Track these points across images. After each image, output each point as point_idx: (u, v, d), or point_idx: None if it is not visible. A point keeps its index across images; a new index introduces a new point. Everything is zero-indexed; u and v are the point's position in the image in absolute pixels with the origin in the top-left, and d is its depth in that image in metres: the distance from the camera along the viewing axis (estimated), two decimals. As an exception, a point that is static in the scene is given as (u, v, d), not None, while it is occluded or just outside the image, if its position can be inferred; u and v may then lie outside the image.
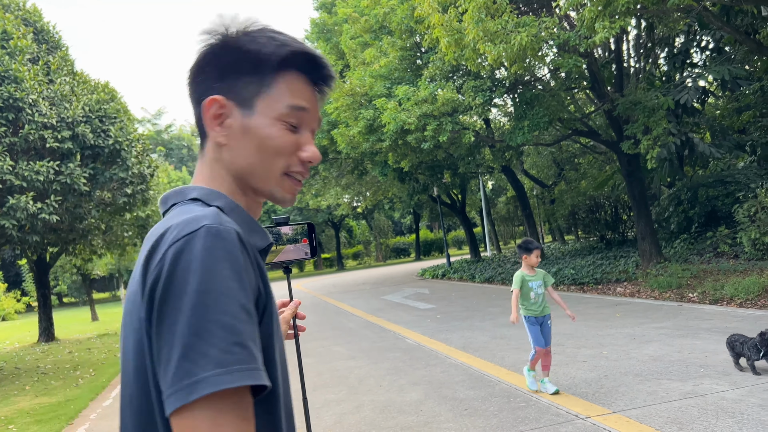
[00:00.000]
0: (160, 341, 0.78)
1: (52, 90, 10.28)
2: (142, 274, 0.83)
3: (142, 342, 0.82)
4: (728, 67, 11.93)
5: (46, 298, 16.18)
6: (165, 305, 0.78)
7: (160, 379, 0.78)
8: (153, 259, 0.81)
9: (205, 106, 0.95)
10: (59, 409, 7.58)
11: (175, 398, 0.74)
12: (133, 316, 0.85)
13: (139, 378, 0.83)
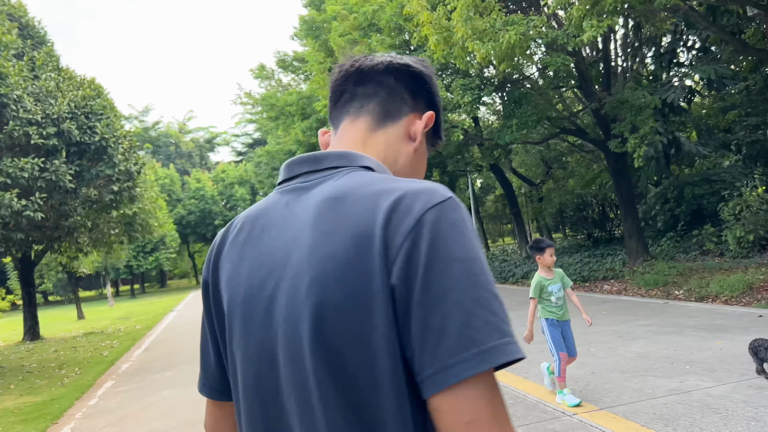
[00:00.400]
0: (426, 309, 0.73)
1: (38, 86, 10.17)
2: (371, 238, 0.76)
3: (374, 310, 0.75)
4: (714, 67, 12.05)
5: (31, 296, 16.02)
6: (431, 273, 0.73)
7: (419, 350, 0.73)
8: (399, 225, 0.76)
9: (428, 117, 1.00)
10: (44, 408, 7.51)
11: (460, 368, 0.70)
12: (344, 287, 0.76)
13: (365, 345, 0.75)
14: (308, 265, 0.79)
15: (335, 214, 0.81)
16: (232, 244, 0.92)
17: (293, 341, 0.80)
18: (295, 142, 20.46)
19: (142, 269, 39.09)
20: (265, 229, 0.89)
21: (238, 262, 0.89)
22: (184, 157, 57.32)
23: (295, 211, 0.87)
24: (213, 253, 0.94)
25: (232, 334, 0.88)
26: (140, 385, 8.35)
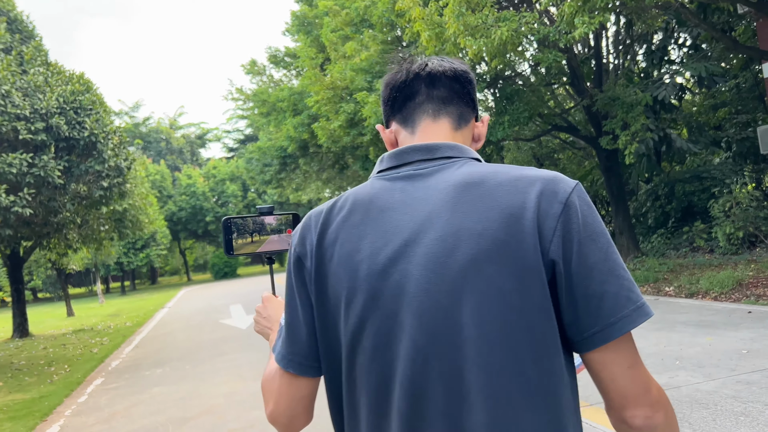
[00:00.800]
0: (585, 278, 0.87)
1: (26, 81, 10.07)
2: (523, 220, 0.87)
3: (533, 281, 0.86)
4: (705, 64, 12.09)
5: (19, 293, 15.89)
6: (584, 247, 0.87)
7: (583, 313, 0.87)
8: (547, 209, 0.88)
9: (484, 120, 1.14)
10: (33, 406, 7.45)
11: (622, 324, 0.86)
12: (501, 261, 0.86)
13: (528, 311, 0.86)
14: (454, 242, 0.88)
15: (476, 197, 0.91)
16: (343, 224, 0.97)
17: (440, 310, 0.88)
18: (287, 138, 20.38)
19: (132, 266, 38.87)
20: (384, 210, 0.96)
21: (357, 241, 0.95)
22: (175, 153, 57.03)
23: (416, 195, 0.95)
24: (315, 233, 0.99)
25: (350, 307, 0.93)
26: (130, 382, 8.30)
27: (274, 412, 1.04)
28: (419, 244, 0.90)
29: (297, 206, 42.51)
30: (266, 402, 1.06)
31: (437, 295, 0.88)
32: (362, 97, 13.22)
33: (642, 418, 0.89)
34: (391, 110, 1.11)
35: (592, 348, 0.88)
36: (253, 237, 2.00)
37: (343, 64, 15.47)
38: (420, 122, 1.07)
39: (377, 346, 0.92)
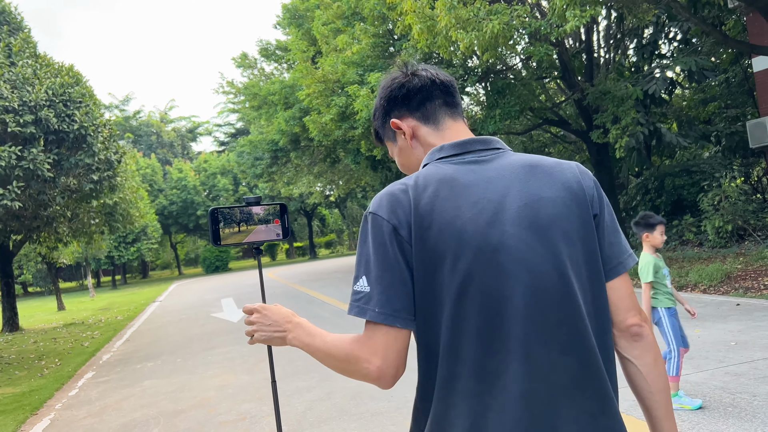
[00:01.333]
0: (611, 227, 1.27)
1: (14, 73, 9.97)
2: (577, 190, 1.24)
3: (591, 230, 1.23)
4: (695, 59, 12.16)
5: (9, 287, 15.79)
6: (607, 208, 1.28)
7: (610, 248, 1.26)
8: (586, 182, 1.27)
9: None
10: (23, 399, 7.43)
11: (629, 261, 1.27)
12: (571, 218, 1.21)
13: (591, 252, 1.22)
14: (537, 206, 1.19)
15: (542, 174, 1.24)
16: (435, 198, 1.18)
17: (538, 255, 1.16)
18: (278, 132, 20.31)
19: (123, 260, 38.69)
20: (468, 186, 1.19)
21: (455, 210, 1.16)
22: (166, 147, 56.71)
23: (488, 174, 1.22)
24: (410, 206, 1.17)
25: (457, 262, 1.14)
26: (121, 375, 8.29)
27: (382, 366, 1.15)
28: (507, 210, 1.17)
29: (288, 200, 42.42)
30: (368, 362, 1.16)
31: (534, 245, 1.16)
32: (354, 90, 13.20)
33: (637, 326, 1.26)
34: (407, 108, 1.36)
35: (615, 276, 1.25)
36: (240, 227, 2.01)
37: (335, 57, 15.42)
38: (443, 121, 1.34)
39: (487, 291, 1.13)
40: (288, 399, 5.66)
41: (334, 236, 56.93)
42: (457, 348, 1.14)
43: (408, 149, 1.39)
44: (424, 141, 1.35)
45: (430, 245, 1.15)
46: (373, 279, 1.17)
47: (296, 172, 26.85)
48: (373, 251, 1.18)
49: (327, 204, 49.63)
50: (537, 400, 1.12)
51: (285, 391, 5.96)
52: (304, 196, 38.76)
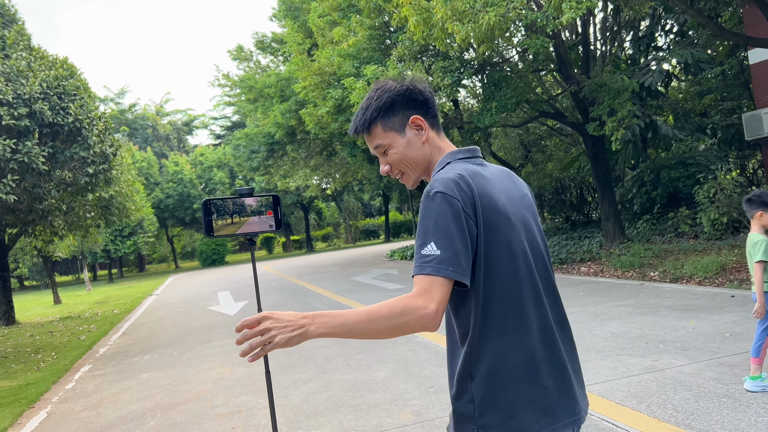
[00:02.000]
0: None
1: (8, 65, 9.91)
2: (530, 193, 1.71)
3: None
4: (691, 51, 12.15)
5: (5, 280, 15.75)
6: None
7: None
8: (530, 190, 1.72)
9: None
10: (20, 393, 7.43)
11: None
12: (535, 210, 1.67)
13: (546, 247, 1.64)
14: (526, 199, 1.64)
15: (515, 179, 1.67)
16: (482, 185, 1.50)
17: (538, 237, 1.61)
18: (274, 125, 20.26)
19: (119, 253, 38.60)
20: (489, 180, 1.55)
21: (493, 196, 1.51)
22: (162, 140, 56.49)
23: (492, 174, 1.60)
24: (473, 191, 1.47)
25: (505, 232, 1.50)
26: (118, 368, 8.29)
27: (438, 310, 1.37)
28: (513, 198, 1.58)
29: (285, 193, 42.37)
30: (425, 307, 1.37)
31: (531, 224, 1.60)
32: (350, 83, 13.16)
33: None
34: (423, 112, 1.64)
35: None
36: (233, 218, 2.01)
37: (331, 49, 15.37)
38: (441, 131, 1.70)
39: (522, 255, 1.52)
40: (284, 391, 5.67)
41: (331, 229, 56.88)
42: (510, 296, 1.48)
43: (418, 145, 1.63)
44: (433, 143, 1.65)
45: (487, 219, 1.47)
46: (444, 245, 1.40)
47: (293, 165, 26.81)
48: (444, 222, 1.42)
49: (324, 197, 49.58)
50: (548, 331, 1.53)
51: (281, 383, 5.97)
52: (300, 189, 38.72)
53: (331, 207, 56.84)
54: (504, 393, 1.47)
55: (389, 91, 1.62)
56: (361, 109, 1.65)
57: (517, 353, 1.48)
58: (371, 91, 1.66)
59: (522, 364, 1.48)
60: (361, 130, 1.65)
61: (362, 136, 1.68)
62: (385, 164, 1.68)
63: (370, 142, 1.66)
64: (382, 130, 1.62)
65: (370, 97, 1.64)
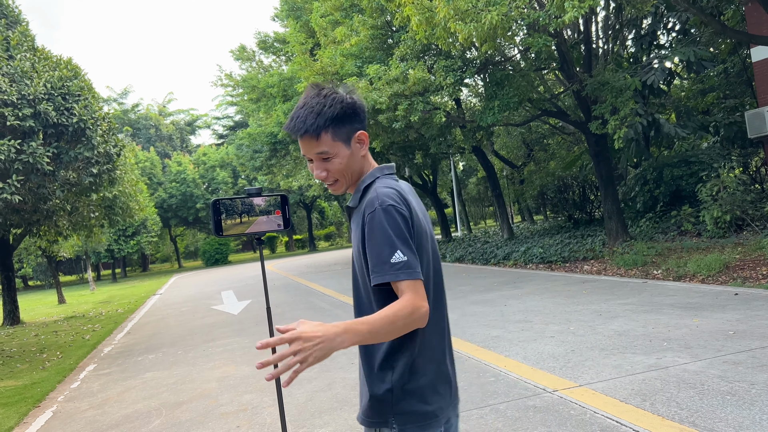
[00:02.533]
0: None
1: (12, 66, 9.94)
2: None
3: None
4: (694, 49, 12.14)
5: (10, 280, 15.82)
6: None
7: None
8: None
9: None
10: (25, 392, 7.47)
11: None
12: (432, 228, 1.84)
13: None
14: (428, 215, 1.80)
15: (416, 195, 1.80)
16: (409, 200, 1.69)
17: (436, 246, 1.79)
18: (277, 124, 20.30)
19: (123, 253, 38.70)
20: (410, 194, 1.75)
21: (417, 208, 1.73)
22: (165, 140, 56.57)
23: (410, 190, 1.79)
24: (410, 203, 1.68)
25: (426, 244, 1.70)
26: (123, 367, 8.33)
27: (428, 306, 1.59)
28: (423, 212, 1.77)
29: (288, 192, 42.38)
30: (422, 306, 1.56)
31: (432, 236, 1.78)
32: (352, 82, 13.18)
33: None
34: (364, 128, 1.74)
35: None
36: (242, 218, 2.04)
37: (333, 49, 15.39)
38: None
39: (436, 256, 1.77)
40: (289, 390, 5.69)
41: (334, 228, 56.93)
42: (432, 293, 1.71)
43: (358, 158, 1.72)
44: (367, 158, 1.76)
45: (415, 229, 1.64)
46: (407, 251, 1.56)
47: (295, 164, 26.82)
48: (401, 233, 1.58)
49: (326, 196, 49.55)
50: (446, 323, 1.78)
51: (286, 382, 5.99)
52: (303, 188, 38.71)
53: (333, 206, 56.85)
54: (419, 379, 1.65)
55: (341, 102, 1.63)
56: (312, 113, 1.61)
57: (436, 343, 1.71)
58: (318, 96, 1.65)
59: (438, 352, 1.71)
60: (310, 133, 1.62)
61: (303, 138, 1.64)
62: (323, 170, 1.68)
63: (313, 146, 1.64)
64: (331, 139, 1.63)
65: (321, 102, 1.62)
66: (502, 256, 15.28)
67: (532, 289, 10.13)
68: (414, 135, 17.03)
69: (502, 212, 20.99)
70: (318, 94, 1.66)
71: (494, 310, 8.45)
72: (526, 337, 6.50)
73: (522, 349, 6.02)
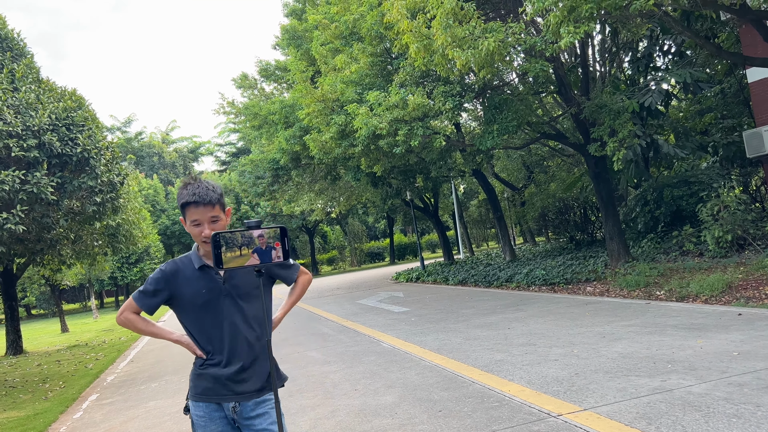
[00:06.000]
0: None
1: (17, 98, 10.10)
2: None
3: None
4: (690, 71, 12.28)
5: (13, 310, 15.82)
6: None
7: None
8: None
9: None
10: (28, 423, 7.44)
11: None
12: None
13: None
14: None
15: None
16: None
17: None
18: (279, 151, 20.43)
19: (126, 280, 38.66)
20: None
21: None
22: (168, 168, 56.92)
23: None
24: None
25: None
26: (125, 396, 8.30)
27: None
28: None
29: (290, 217, 42.49)
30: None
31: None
32: (353, 108, 13.32)
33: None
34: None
35: None
36: (242, 250, 2.09)
37: (334, 76, 15.58)
38: None
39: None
40: (292, 417, 5.67)
41: (336, 252, 56.88)
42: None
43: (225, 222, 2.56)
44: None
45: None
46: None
47: (297, 189, 26.94)
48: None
49: (328, 221, 49.67)
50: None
51: (289, 409, 5.98)
52: (305, 213, 38.82)
53: (336, 230, 56.91)
54: None
55: (220, 188, 2.55)
56: (211, 191, 2.46)
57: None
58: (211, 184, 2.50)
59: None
60: (210, 203, 2.43)
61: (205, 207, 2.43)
62: (211, 230, 2.40)
63: (209, 212, 2.43)
64: (219, 209, 2.48)
65: (215, 187, 2.50)
66: (505, 279, 15.27)
67: (535, 311, 10.11)
68: (414, 159, 17.15)
69: (503, 234, 21.02)
70: (210, 185, 2.51)
71: (497, 334, 8.44)
72: (530, 361, 6.48)
73: (526, 372, 6.00)
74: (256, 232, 2.10)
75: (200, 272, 2.50)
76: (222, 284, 2.49)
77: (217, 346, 2.51)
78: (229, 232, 2.09)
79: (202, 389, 2.53)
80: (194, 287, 2.49)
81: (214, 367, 2.51)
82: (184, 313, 2.57)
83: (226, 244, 2.09)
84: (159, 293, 2.55)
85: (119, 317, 2.65)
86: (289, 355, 9.21)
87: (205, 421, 2.54)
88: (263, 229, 2.11)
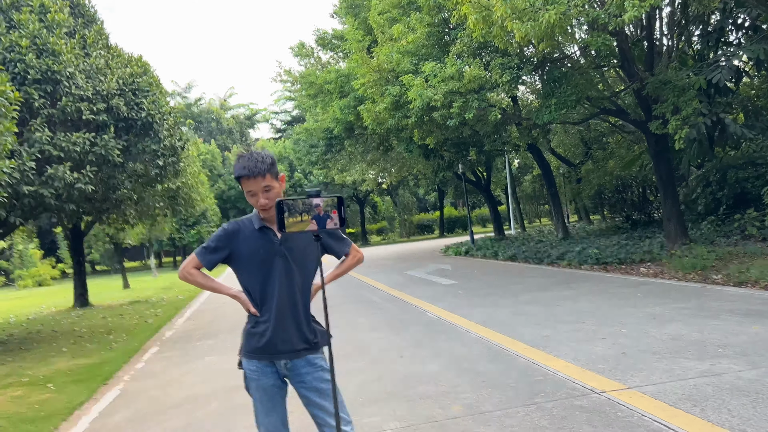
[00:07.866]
0: None
1: (88, 63, 10.53)
2: None
3: None
4: (764, 46, 11.65)
5: (80, 265, 16.74)
6: None
7: None
8: None
9: None
10: (95, 370, 7.96)
11: None
12: None
13: None
14: None
15: None
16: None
17: None
18: (333, 120, 20.63)
19: (184, 242, 40.14)
20: None
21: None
22: (225, 134, 58.18)
23: None
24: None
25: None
26: (183, 351, 8.74)
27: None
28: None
29: (342, 187, 42.93)
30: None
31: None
32: (408, 79, 13.30)
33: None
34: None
35: None
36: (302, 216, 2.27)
37: (390, 46, 15.53)
38: None
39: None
40: (340, 379, 5.84)
41: (386, 223, 57.24)
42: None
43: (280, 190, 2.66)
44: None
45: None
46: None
47: (350, 159, 27.18)
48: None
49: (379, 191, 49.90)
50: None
51: (338, 372, 6.16)
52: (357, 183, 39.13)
53: (386, 201, 57.16)
54: None
55: (272, 156, 2.65)
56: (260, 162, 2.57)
57: None
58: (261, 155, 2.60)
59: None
60: (260, 174, 2.55)
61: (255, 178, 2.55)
62: (266, 199, 2.58)
63: (260, 183, 2.56)
64: (271, 178, 2.59)
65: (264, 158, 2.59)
66: (556, 256, 15.11)
67: (585, 290, 10.03)
68: (468, 132, 17.01)
69: (557, 211, 20.69)
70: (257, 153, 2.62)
71: (545, 310, 8.43)
72: (577, 338, 6.48)
73: (572, 349, 6.01)
74: (315, 200, 2.25)
75: (259, 233, 2.69)
76: (278, 245, 2.67)
77: (268, 303, 2.69)
78: (291, 199, 2.25)
79: (252, 348, 2.72)
80: (252, 246, 2.67)
81: (263, 324, 2.70)
82: (241, 270, 2.74)
83: (288, 210, 2.25)
84: (220, 250, 2.72)
85: (181, 272, 2.80)
86: (338, 320, 9.46)
87: (258, 375, 2.75)
88: (322, 198, 2.26)
